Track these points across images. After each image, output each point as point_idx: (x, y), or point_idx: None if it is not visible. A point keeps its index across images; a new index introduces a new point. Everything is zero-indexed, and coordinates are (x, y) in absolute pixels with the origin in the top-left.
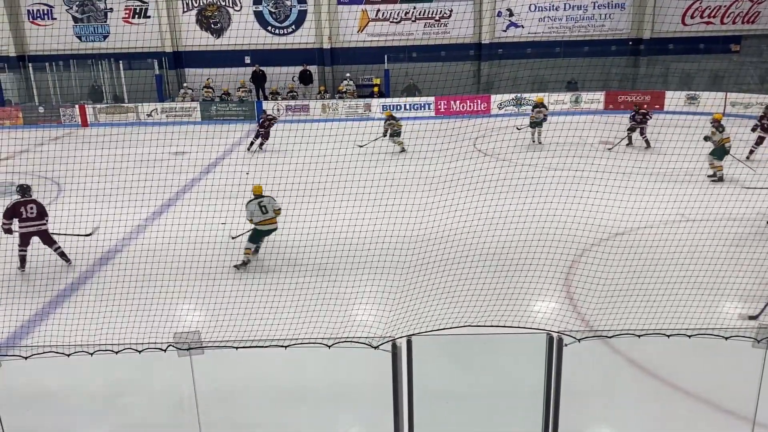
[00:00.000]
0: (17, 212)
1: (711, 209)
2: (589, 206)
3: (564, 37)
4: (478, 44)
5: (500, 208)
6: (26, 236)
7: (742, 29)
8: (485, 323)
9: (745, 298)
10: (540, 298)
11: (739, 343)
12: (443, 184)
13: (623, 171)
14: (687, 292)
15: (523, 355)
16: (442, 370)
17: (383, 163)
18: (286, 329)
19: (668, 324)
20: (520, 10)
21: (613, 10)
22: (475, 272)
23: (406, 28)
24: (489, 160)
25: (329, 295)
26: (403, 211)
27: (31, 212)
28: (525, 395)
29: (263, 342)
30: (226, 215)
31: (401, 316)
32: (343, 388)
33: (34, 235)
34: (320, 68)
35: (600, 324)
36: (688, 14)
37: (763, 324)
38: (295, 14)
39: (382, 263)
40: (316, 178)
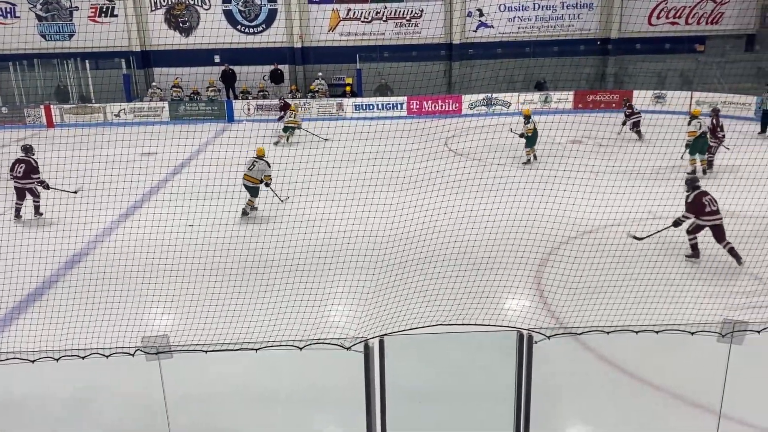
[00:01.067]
0: (11, 168)
1: (679, 207)
2: (558, 204)
3: (533, 37)
4: (449, 44)
5: (472, 207)
6: (17, 191)
7: (706, 30)
8: (457, 322)
9: (710, 293)
10: (511, 296)
11: (705, 338)
12: (415, 184)
13: (592, 169)
14: (655, 288)
15: (494, 352)
16: (415, 369)
17: (355, 163)
18: (257, 332)
19: (636, 320)
20: (490, 10)
21: (582, 10)
22: (446, 271)
23: (378, 27)
24: (460, 159)
25: (301, 297)
26: (375, 211)
27: (18, 171)
28: (497, 393)
29: (233, 345)
30: (195, 217)
31: (374, 316)
32: (315, 390)
33: (23, 190)
34: (291, 67)
35: (570, 321)
36: (654, 15)
37: (727, 320)
38: (265, 13)
39: (355, 263)
40: (287, 178)
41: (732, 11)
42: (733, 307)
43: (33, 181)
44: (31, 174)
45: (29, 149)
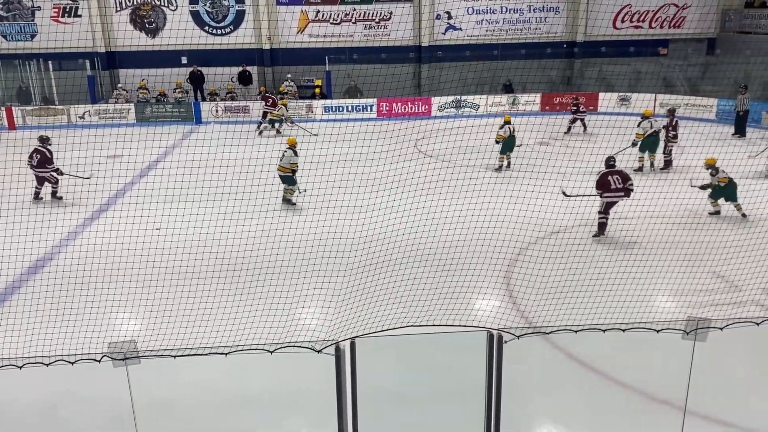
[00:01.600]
0: (29, 157)
1: (643, 207)
2: (527, 205)
3: (501, 40)
4: (418, 46)
5: (441, 208)
6: (36, 177)
7: (669, 33)
8: (428, 323)
9: (675, 292)
10: (481, 297)
11: (670, 336)
12: (385, 186)
13: (559, 171)
14: (621, 287)
15: (464, 353)
16: (386, 370)
17: (325, 165)
18: (226, 336)
19: (604, 319)
20: (458, 12)
21: (548, 13)
22: (417, 272)
23: (347, 29)
24: (430, 161)
25: (271, 300)
26: (346, 213)
27: (34, 160)
28: (468, 393)
29: (202, 350)
30: (163, 220)
31: (345, 319)
32: (286, 393)
33: (41, 178)
34: (260, 69)
35: (539, 320)
36: (619, 18)
37: (691, 317)
38: (233, 14)
39: (325, 265)
40: (257, 180)
41: (693, 15)
42: (697, 305)
43: (48, 170)
44: (45, 164)
45: (45, 140)
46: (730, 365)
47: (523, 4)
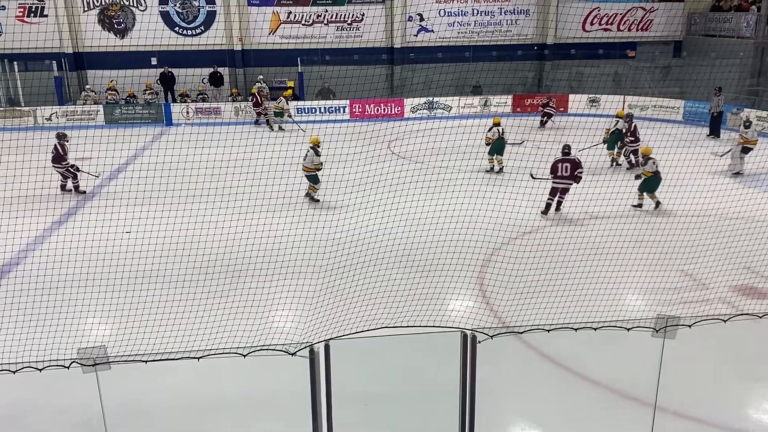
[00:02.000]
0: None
1: (613, 207)
2: (499, 206)
3: (473, 42)
4: (390, 48)
5: (415, 209)
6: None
7: (637, 36)
8: (402, 324)
9: (645, 290)
10: (455, 297)
11: (640, 334)
12: (358, 187)
13: (531, 171)
14: (592, 286)
15: (439, 353)
16: (361, 372)
17: (298, 167)
18: (199, 340)
19: (576, 318)
20: (430, 15)
21: (519, 16)
22: (391, 274)
23: (319, 30)
24: (403, 162)
25: (244, 303)
26: (319, 214)
27: (51, 154)
28: (442, 393)
29: (174, 354)
30: (132, 223)
31: (319, 321)
32: (261, 397)
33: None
34: (231, 70)
35: (512, 320)
36: (588, 21)
37: (661, 315)
38: (203, 15)
39: (298, 267)
40: (229, 181)
41: (660, 19)
42: (666, 303)
43: (61, 167)
44: (59, 160)
45: (60, 136)
46: (698, 362)
47: (494, 7)
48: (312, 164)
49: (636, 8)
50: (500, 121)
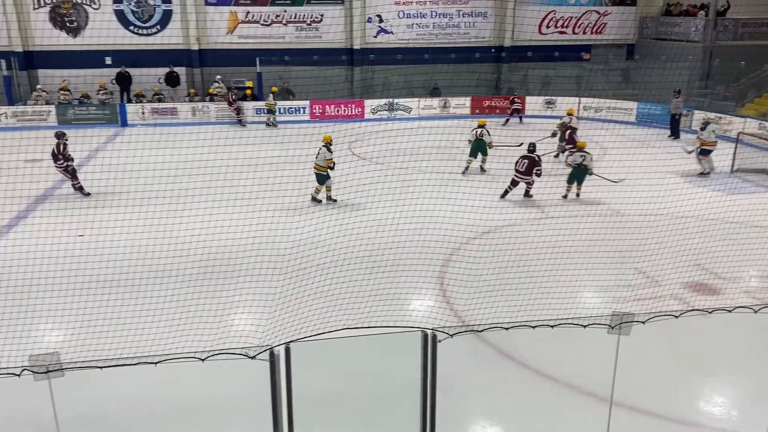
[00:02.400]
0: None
1: (569, 206)
2: (459, 206)
3: (432, 44)
4: (350, 49)
5: (376, 210)
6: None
7: (591, 39)
8: (363, 325)
9: (601, 288)
10: (416, 297)
11: (596, 330)
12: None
13: (490, 172)
14: (549, 284)
15: (400, 353)
16: (322, 374)
17: (257, 168)
18: (156, 345)
19: (534, 316)
20: (389, 16)
21: (477, 18)
22: (352, 275)
23: (278, 31)
24: (364, 163)
25: (202, 306)
26: (279, 216)
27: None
28: (403, 392)
29: (131, 360)
30: (86, 226)
31: (279, 324)
32: (221, 401)
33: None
34: (188, 70)
35: (472, 319)
36: (544, 24)
37: (616, 312)
38: (159, 14)
39: (257, 270)
40: (185, 183)
41: (614, 22)
42: (621, 300)
43: (59, 167)
44: (55, 160)
45: (58, 135)
46: (652, 357)
47: (452, 9)
48: (324, 161)
49: (590, 12)
50: (485, 123)
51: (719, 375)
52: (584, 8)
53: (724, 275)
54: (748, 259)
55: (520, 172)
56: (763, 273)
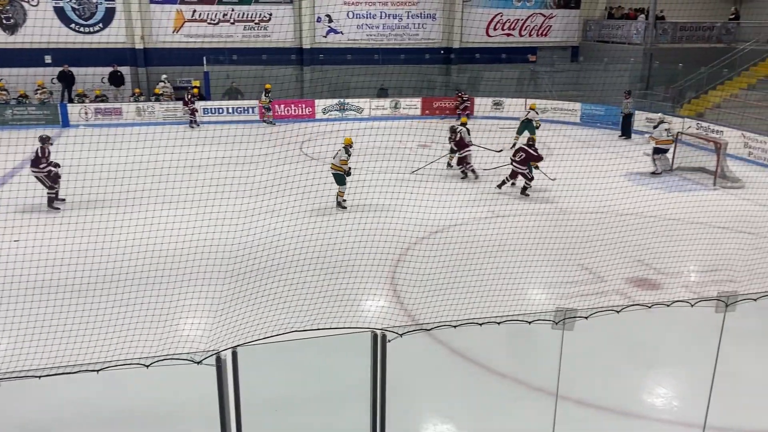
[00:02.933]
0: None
1: (517, 205)
2: (411, 206)
3: (382, 45)
4: (299, 49)
5: (327, 211)
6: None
7: (537, 41)
8: (311, 327)
9: (546, 284)
10: (367, 297)
11: (541, 326)
12: (270, 189)
13: (439, 173)
14: (497, 281)
15: (349, 354)
16: (271, 378)
17: (205, 169)
18: (98, 351)
19: (482, 313)
20: (339, 16)
21: (426, 20)
22: (302, 277)
23: (226, 30)
24: (316, 164)
25: (149, 311)
26: (229, 218)
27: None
28: (354, 393)
29: (71, 368)
30: (22, 231)
31: (226, 328)
32: (167, 408)
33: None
34: (133, 69)
35: (423, 317)
36: (491, 26)
37: (560, 308)
38: (102, 12)
39: (204, 273)
40: (131, 185)
41: (558, 25)
42: (565, 296)
43: (39, 171)
44: (36, 164)
45: (43, 140)
46: (596, 351)
47: (401, 11)
48: (339, 161)
49: (536, 14)
50: (467, 121)
51: (660, 367)
52: (530, 11)
53: (664, 270)
54: (687, 255)
55: (518, 163)
56: (700, 268)
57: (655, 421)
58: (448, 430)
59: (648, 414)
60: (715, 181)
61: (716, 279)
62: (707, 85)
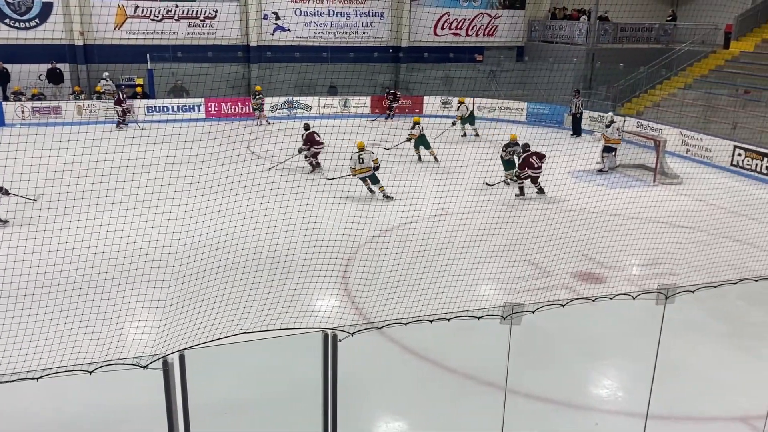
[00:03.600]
0: None
1: (467, 202)
2: (362, 204)
3: (330, 43)
4: (246, 46)
5: (277, 210)
6: None
7: (484, 41)
8: (261, 328)
9: (495, 280)
10: (319, 297)
11: (490, 321)
12: (217, 189)
13: (390, 171)
14: (447, 278)
15: (300, 355)
16: (221, 381)
17: (149, 168)
18: (38, 359)
19: (433, 310)
20: (286, 14)
21: (374, 18)
22: (251, 278)
23: (170, 26)
24: (264, 162)
25: (92, 315)
26: (174, 219)
27: None
28: (305, 394)
29: (8, 376)
30: None
31: (173, 331)
32: (113, 414)
33: None
34: (73, 66)
35: (375, 316)
36: (439, 26)
37: (507, 303)
38: (38, 6)
39: (149, 275)
40: (70, 186)
41: (504, 25)
42: (513, 291)
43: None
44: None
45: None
46: (543, 345)
47: (349, 9)
48: (371, 161)
49: (482, 14)
50: (419, 120)
51: (605, 359)
52: (476, 11)
53: (608, 264)
54: (629, 249)
55: (537, 168)
56: (642, 262)
57: (601, 411)
58: (400, 427)
59: (594, 405)
60: (654, 178)
61: (657, 272)
62: (647, 84)
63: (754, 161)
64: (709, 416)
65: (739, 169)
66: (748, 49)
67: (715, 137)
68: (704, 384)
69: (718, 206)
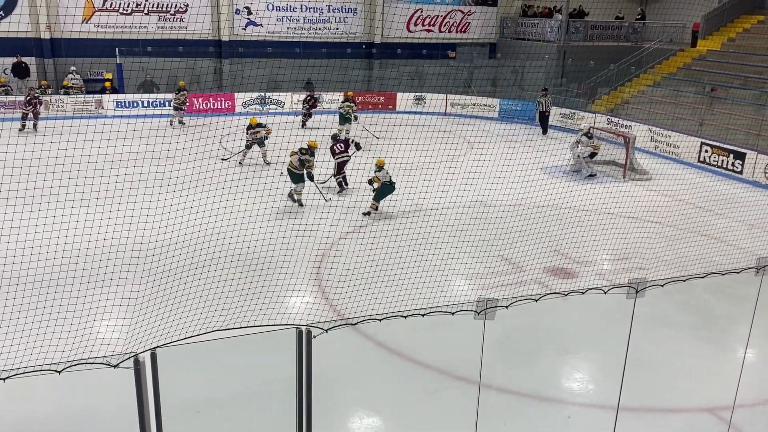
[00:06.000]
0: None
1: (440, 198)
2: (336, 200)
3: (303, 38)
4: (218, 41)
5: (251, 206)
6: None
7: (457, 38)
8: (234, 326)
9: (468, 276)
10: (293, 294)
11: (464, 317)
12: (189, 185)
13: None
14: (421, 274)
15: (274, 352)
16: (193, 379)
17: (119, 164)
18: (4, 358)
19: (406, 305)
20: (258, 8)
21: (347, 14)
22: (224, 275)
23: (140, 20)
24: (236, 159)
25: (60, 314)
26: (145, 215)
27: None
28: (279, 391)
29: None
30: None
31: (144, 329)
32: (83, 415)
33: None
34: (39, 60)
35: (349, 312)
36: (412, 22)
37: (481, 299)
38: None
39: (119, 273)
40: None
41: (477, 22)
42: (487, 287)
43: None
44: None
45: None
46: (516, 339)
47: (322, 4)
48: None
49: (455, 11)
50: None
51: (576, 352)
52: (449, 7)
53: (579, 259)
54: (600, 244)
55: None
56: (612, 257)
57: (573, 404)
58: (374, 422)
59: (566, 398)
60: (624, 174)
61: (627, 267)
62: (617, 81)
63: (721, 158)
64: (678, 407)
65: (706, 165)
66: (715, 47)
67: (683, 134)
68: (673, 376)
69: (685, 202)
